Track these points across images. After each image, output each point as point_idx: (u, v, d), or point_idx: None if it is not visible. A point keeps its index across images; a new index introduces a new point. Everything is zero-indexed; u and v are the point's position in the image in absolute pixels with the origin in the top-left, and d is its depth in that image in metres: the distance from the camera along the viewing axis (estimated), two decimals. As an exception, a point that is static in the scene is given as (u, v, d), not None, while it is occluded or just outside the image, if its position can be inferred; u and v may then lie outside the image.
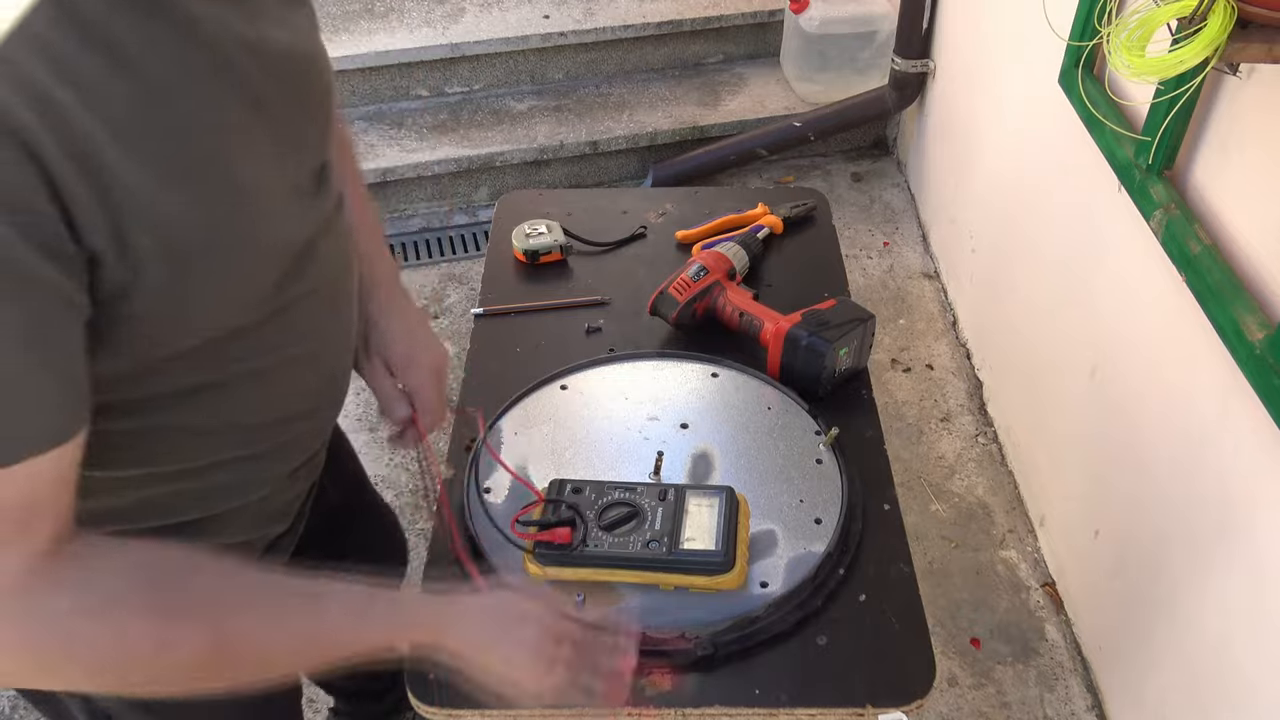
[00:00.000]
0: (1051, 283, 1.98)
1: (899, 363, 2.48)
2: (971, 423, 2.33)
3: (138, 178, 0.61)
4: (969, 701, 1.81)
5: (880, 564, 1.04)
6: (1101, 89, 1.60)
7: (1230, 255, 1.32)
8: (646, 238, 1.49)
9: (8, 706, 1.81)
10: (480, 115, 2.99)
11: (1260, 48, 1.02)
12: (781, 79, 3.15)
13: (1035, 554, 2.05)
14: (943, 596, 1.97)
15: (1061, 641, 1.90)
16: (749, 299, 1.29)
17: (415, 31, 2.95)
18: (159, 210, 0.63)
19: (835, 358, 1.19)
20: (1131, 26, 1.06)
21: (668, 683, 0.94)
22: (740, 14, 3.08)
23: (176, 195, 0.64)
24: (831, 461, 1.12)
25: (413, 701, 0.94)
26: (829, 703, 0.93)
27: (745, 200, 1.52)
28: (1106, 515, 1.77)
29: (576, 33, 2.99)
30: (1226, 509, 1.37)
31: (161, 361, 0.71)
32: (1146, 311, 1.58)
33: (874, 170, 3.11)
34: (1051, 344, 1.98)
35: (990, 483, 2.19)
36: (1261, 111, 1.28)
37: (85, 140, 0.58)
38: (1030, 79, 2.02)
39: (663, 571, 0.98)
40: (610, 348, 1.29)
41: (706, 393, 1.21)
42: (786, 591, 0.98)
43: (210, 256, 0.67)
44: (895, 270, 2.74)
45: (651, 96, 3.08)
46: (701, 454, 1.13)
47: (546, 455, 1.13)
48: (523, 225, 1.45)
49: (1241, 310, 1.24)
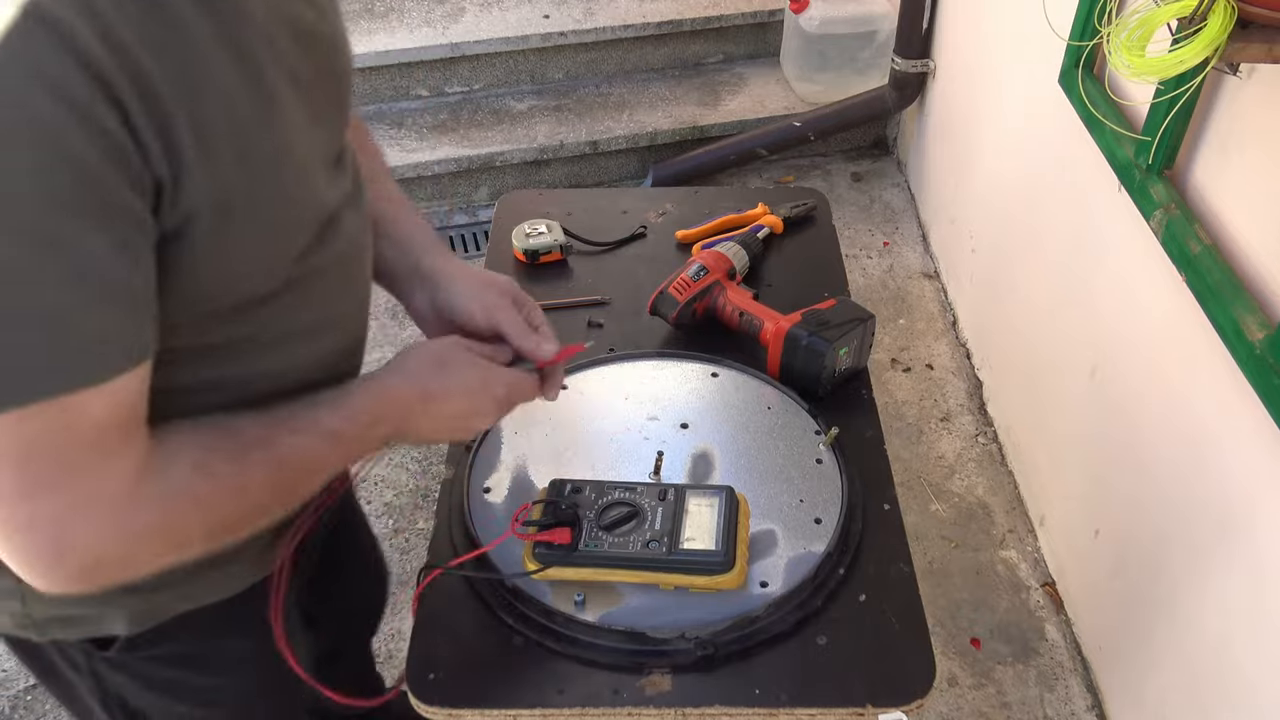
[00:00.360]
0: (1051, 283, 1.98)
1: (899, 362, 2.48)
2: (971, 423, 2.33)
3: (186, 127, 0.63)
4: (969, 701, 1.81)
5: (880, 564, 1.04)
6: (1101, 89, 1.60)
7: (1230, 255, 1.32)
8: (646, 238, 1.49)
9: (8, 707, 1.81)
10: (480, 115, 2.99)
11: (1260, 48, 1.02)
12: (781, 79, 3.15)
13: (1035, 554, 2.05)
14: (943, 596, 1.97)
15: (1061, 641, 1.90)
16: (749, 299, 1.29)
17: (415, 31, 2.95)
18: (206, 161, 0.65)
19: (835, 357, 1.19)
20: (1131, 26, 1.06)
21: (667, 683, 0.94)
22: (740, 14, 3.09)
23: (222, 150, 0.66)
24: (831, 461, 1.12)
25: (413, 701, 0.94)
26: (829, 703, 0.93)
27: (745, 200, 1.52)
28: (1106, 515, 1.77)
29: (576, 32, 2.99)
30: (1226, 509, 1.37)
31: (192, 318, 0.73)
32: (1146, 311, 1.58)
33: (874, 170, 3.11)
34: (1051, 344, 1.98)
35: (990, 483, 2.19)
36: (1262, 111, 1.28)
37: (148, 80, 0.61)
38: (1030, 79, 2.02)
39: (662, 571, 0.98)
40: (610, 347, 1.29)
41: (706, 393, 1.21)
42: (786, 591, 0.98)
43: (251, 212, 0.70)
44: (895, 270, 2.74)
45: (651, 96, 3.08)
46: (701, 454, 1.13)
47: (546, 455, 1.13)
48: (523, 225, 1.45)
49: (1241, 310, 1.24)
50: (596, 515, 1.00)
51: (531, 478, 1.11)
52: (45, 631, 0.87)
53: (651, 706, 0.92)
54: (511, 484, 1.10)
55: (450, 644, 0.97)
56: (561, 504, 1.01)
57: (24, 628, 0.87)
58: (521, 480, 1.11)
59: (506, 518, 1.05)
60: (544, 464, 1.13)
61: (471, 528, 1.04)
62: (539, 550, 0.99)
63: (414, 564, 2.03)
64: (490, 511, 1.07)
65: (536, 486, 1.09)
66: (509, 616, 0.99)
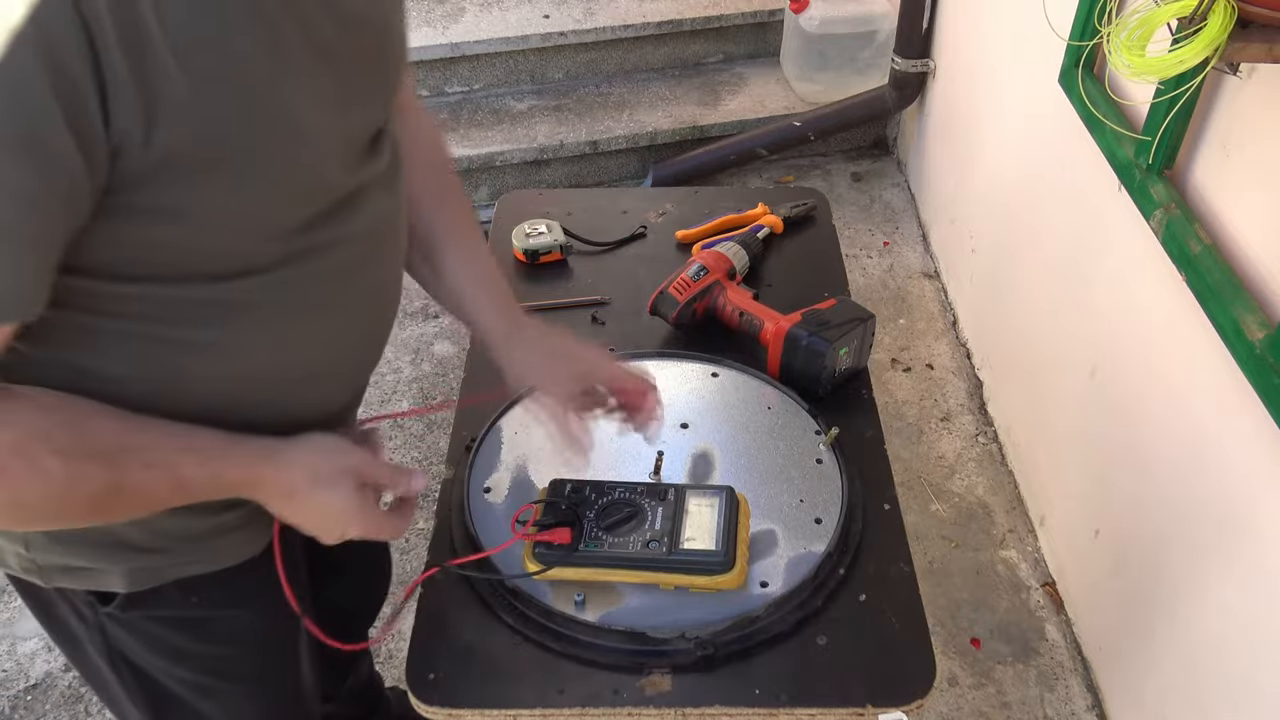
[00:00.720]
0: (1051, 283, 1.98)
1: (899, 362, 2.48)
2: (971, 422, 2.33)
3: (180, 77, 0.63)
4: (969, 701, 1.81)
5: (880, 564, 1.04)
6: (1101, 89, 1.60)
7: (1230, 255, 1.32)
8: (646, 237, 1.49)
9: (8, 707, 1.81)
10: (480, 115, 2.99)
11: (1260, 48, 1.02)
12: (781, 79, 3.15)
13: (1035, 554, 2.05)
14: (943, 596, 1.97)
15: (1061, 641, 1.90)
16: (749, 299, 1.29)
17: (415, 31, 2.94)
18: (195, 110, 0.65)
19: (835, 357, 1.19)
20: (1131, 26, 1.06)
21: (667, 683, 0.94)
22: (740, 14, 3.08)
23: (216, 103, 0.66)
24: (831, 461, 1.12)
25: (413, 701, 0.94)
26: (829, 703, 0.93)
27: (745, 200, 1.52)
28: (1107, 515, 1.77)
29: (576, 32, 2.99)
30: (1226, 508, 1.37)
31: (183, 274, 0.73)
32: (1146, 311, 1.58)
33: (874, 170, 3.11)
34: (1051, 343, 1.98)
35: (990, 482, 2.19)
36: (1261, 111, 1.28)
37: (139, 29, 0.60)
38: (1030, 79, 2.02)
39: (662, 571, 0.98)
40: (610, 348, 1.29)
41: (706, 392, 1.21)
42: (786, 591, 0.98)
43: (243, 165, 0.70)
44: (895, 270, 2.74)
45: (651, 96, 3.08)
46: (701, 454, 1.13)
47: (546, 455, 1.13)
48: (523, 225, 1.45)
49: (1241, 310, 1.24)
50: (597, 515, 1.00)
51: (531, 478, 1.11)
52: (49, 578, 0.89)
53: (651, 706, 0.92)
54: (511, 484, 1.10)
55: (450, 644, 0.97)
56: (561, 504, 1.01)
57: (29, 572, 0.89)
58: (521, 480, 1.11)
59: (506, 518, 1.05)
60: (544, 464, 1.13)
61: (471, 528, 1.04)
62: (539, 550, 0.99)
63: (414, 564, 2.03)
64: (490, 511, 1.07)
65: (536, 486, 1.09)
66: (509, 617, 0.99)
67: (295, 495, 0.84)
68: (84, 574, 0.88)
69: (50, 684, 1.84)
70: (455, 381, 2.40)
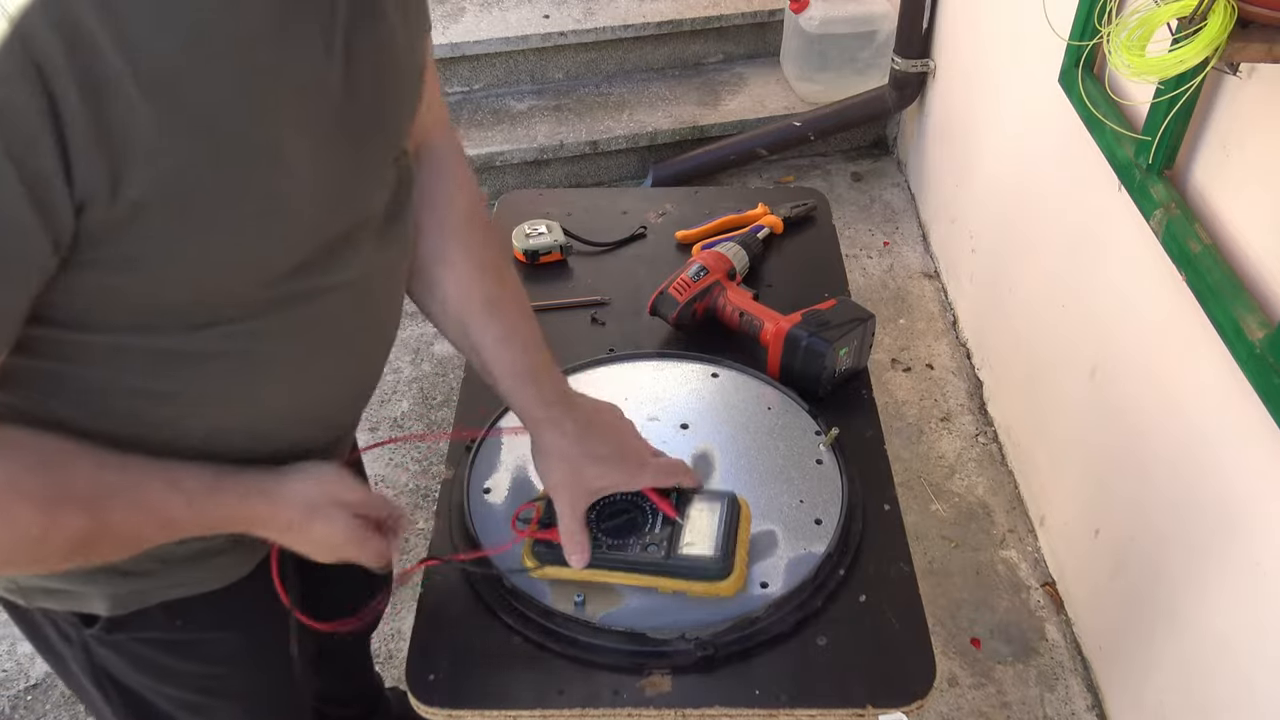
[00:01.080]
0: (1051, 282, 1.98)
1: (899, 362, 2.48)
2: (971, 422, 2.33)
3: (150, 121, 0.60)
4: (969, 701, 1.81)
5: (880, 564, 1.04)
6: (1101, 89, 1.60)
7: (1230, 255, 1.32)
8: (646, 238, 1.48)
9: (8, 707, 1.81)
10: (480, 115, 2.99)
11: (1260, 47, 1.02)
12: (781, 79, 3.15)
13: (1035, 554, 2.05)
14: (943, 596, 1.97)
15: (1061, 641, 1.90)
16: (749, 299, 1.29)
17: (415, 31, 2.94)
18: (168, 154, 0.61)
19: (835, 358, 1.19)
20: (1131, 26, 1.06)
21: (667, 683, 0.94)
22: (740, 14, 3.09)
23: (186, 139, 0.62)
24: (831, 462, 1.12)
25: (413, 702, 0.94)
26: (829, 703, 0.92)
27: (745, 200, 1.52)
28: (1107, 515, 1.77)
29: (576, 32, 2.99)
30: (1226, 509, 1.37)
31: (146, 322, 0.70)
32: (1146, 311, 1.58)
33: (874, 170, 3.11)
34: (1051, 343, 1.98)
35: (990, 482, 2.19)
36: (1261, 111, 1.28)
37: (103, 71, 0.57)
38: (1030, 79, 2.02)
39: (660, 575, 0.97)
40: (610, 348, 1.29)
41: (706, 393, 1.21)
42: (786, 592, 0.98)
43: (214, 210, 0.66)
44: (895, 270, 2.74)
45: (651, 96, 3.08)
46: (702, 454, 1.13)
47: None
48: (523, 225, 1.45)
49: (1241, 310, 1.24)
50: (597, 516, 1.00)
51: (531, 478, 1.11)
52: (31, 599, 0.87)
53: (651, 707, 0.92)
54: (511, 484, 1.10)
55: (450, 644, 0.97)
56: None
57: (11, 592, 0.87)
58: (521, 480, 1.11)
59: (506, 518, 1.05)
60: (544, 464, 1.12)
61: (471, 528, 1.04)
62: (538, 548, 0.99)
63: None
64: (490, 511, 1.07)
65: (536, 486, 1.09)
66: (509, 617, 0.99)
67: (292, 529, 0.84)
68: (65, 596, 0.87)
69: (50, 684, 1.84)
70: (455, 381, 2.40)
